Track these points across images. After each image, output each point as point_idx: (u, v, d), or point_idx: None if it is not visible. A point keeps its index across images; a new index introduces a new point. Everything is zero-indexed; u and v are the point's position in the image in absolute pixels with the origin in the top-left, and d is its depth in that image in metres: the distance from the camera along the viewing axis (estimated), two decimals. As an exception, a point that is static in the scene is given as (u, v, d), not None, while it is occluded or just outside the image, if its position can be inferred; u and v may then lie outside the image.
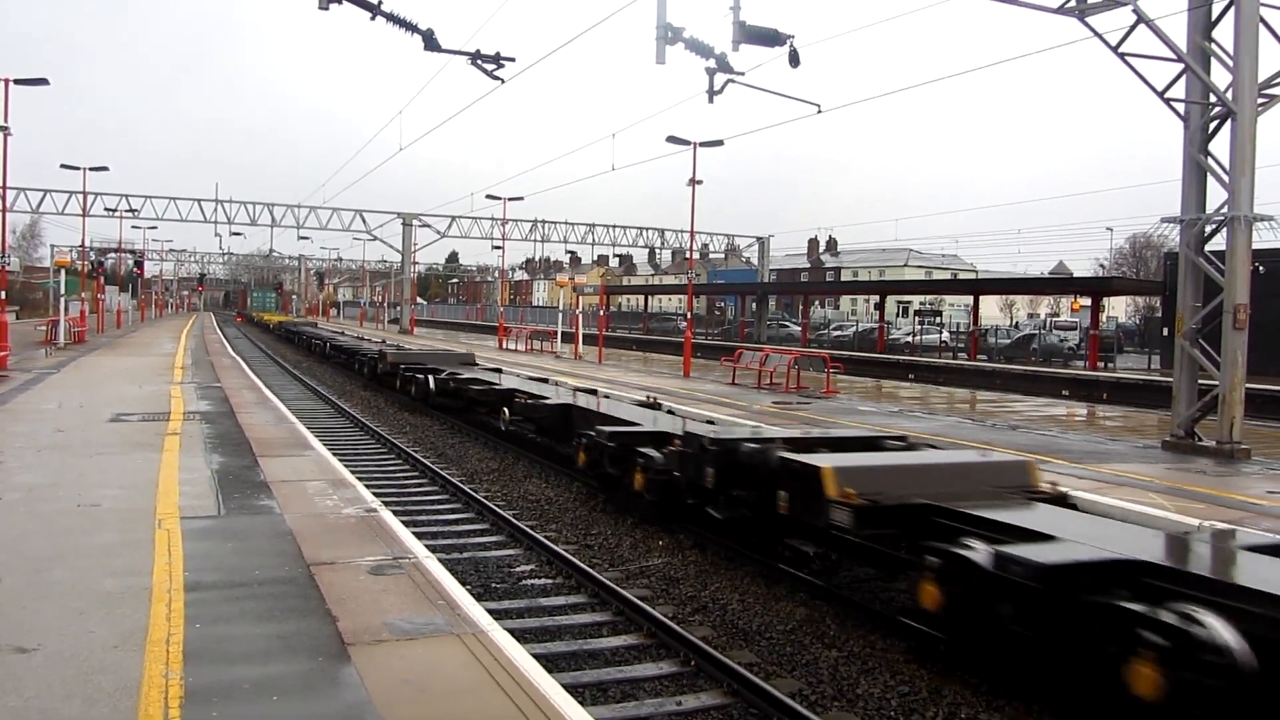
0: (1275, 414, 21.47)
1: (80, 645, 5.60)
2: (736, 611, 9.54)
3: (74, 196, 58.05)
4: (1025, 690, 7.46)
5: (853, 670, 8.06)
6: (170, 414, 16.26)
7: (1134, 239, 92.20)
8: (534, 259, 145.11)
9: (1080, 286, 57.29)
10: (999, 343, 49.61)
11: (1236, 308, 14.41)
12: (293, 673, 5.33)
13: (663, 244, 78.10)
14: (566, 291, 49.82)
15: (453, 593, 6.85)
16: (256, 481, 10.65)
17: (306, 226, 68.39)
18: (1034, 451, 14.44)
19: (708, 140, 32.42)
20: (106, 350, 35.35)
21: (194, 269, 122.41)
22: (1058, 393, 33.36)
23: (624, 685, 7.64)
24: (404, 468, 17.21)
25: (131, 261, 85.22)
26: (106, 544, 7.82)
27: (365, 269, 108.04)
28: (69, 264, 45.13)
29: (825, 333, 63.00)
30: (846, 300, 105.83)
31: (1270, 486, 12.11)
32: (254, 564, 7.38)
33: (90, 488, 10.01)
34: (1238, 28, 14.45)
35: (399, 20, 16.60)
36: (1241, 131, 14.40)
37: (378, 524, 8.85)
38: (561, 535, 12.49)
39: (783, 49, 15.93)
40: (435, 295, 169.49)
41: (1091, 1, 15.01)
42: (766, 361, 28.40)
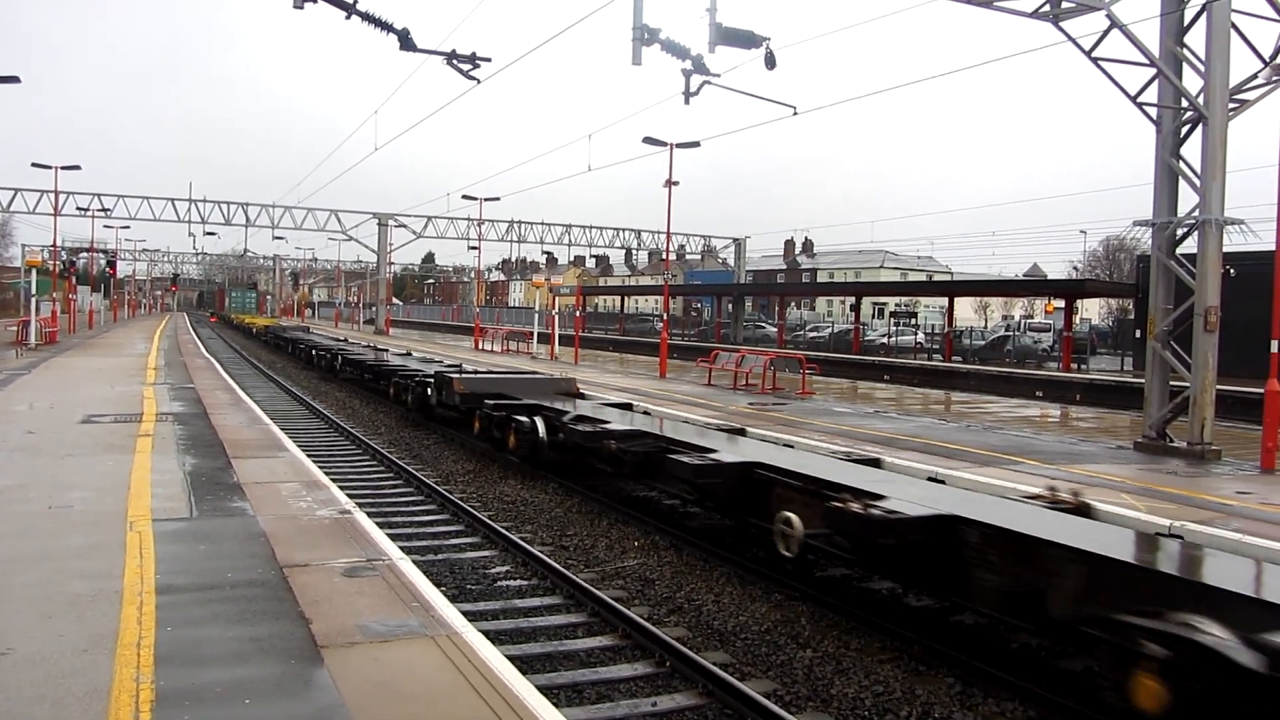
0: (1245, 415, 21.65)
1: (50, 648, 5.54)
2: (712, 612, 9.55)
3: (45, 195, 57.56)
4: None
5: (827, 670, 8.09)
6: (143, 415, 16.13)
7: (1107, 242, 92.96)
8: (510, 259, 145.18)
9: (1054, 289, 57.84)
10: (974, 344, 49.84)
11: (1207, 310, 14.53)
12: (265, 676, 5.29)
13: (639, 245, 78.16)
14: (543, 292, 49.82)
15: (427, 595, 6.82)
16: (230, 483, 10.57)
17: (281, 226, 68.10)
18: (1008, 452, 14.53)
19: (684, 142, 32.44)
20: (78, 351, 35.03)
21: (167, 269, 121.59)
22: (1032, 394, 33.57)
23: (599, 686, 7.64)
24: (379, 469, 17.14)
25: (104, 261, 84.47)
26: (77, 546, 7.74)
27: (340, 269, 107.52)
28: (40, 264, 44.70)
29: (801, 334, 63.19)
30: (822, 301, 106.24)
31: (1240, 487, 12.22)
32: (226, 566, 7.32)
33: (61, 490, 9.91)
34: (1209, 33, 14.57)
35: (374, 19, 16.52)
36: (1213, 136, 14.52)
37: (352, 526, 8.81)
38: (537, 536, 12.48)
39: (759, 51, 15.96)
40: (411, 296, 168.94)
41: (1065, 6, 15.09)
42: (742, 363, 28.44)
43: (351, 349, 35.18)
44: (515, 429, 16.02)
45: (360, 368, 29.87)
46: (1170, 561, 8.21)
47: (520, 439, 15.85)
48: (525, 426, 15.71)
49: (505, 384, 19.72)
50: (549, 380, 20.97)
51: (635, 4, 15.83)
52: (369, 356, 30.86)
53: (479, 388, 19.11)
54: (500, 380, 20.30)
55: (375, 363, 28.65)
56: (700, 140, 32.70)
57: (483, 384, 19.56)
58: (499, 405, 17.12)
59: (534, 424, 15.58)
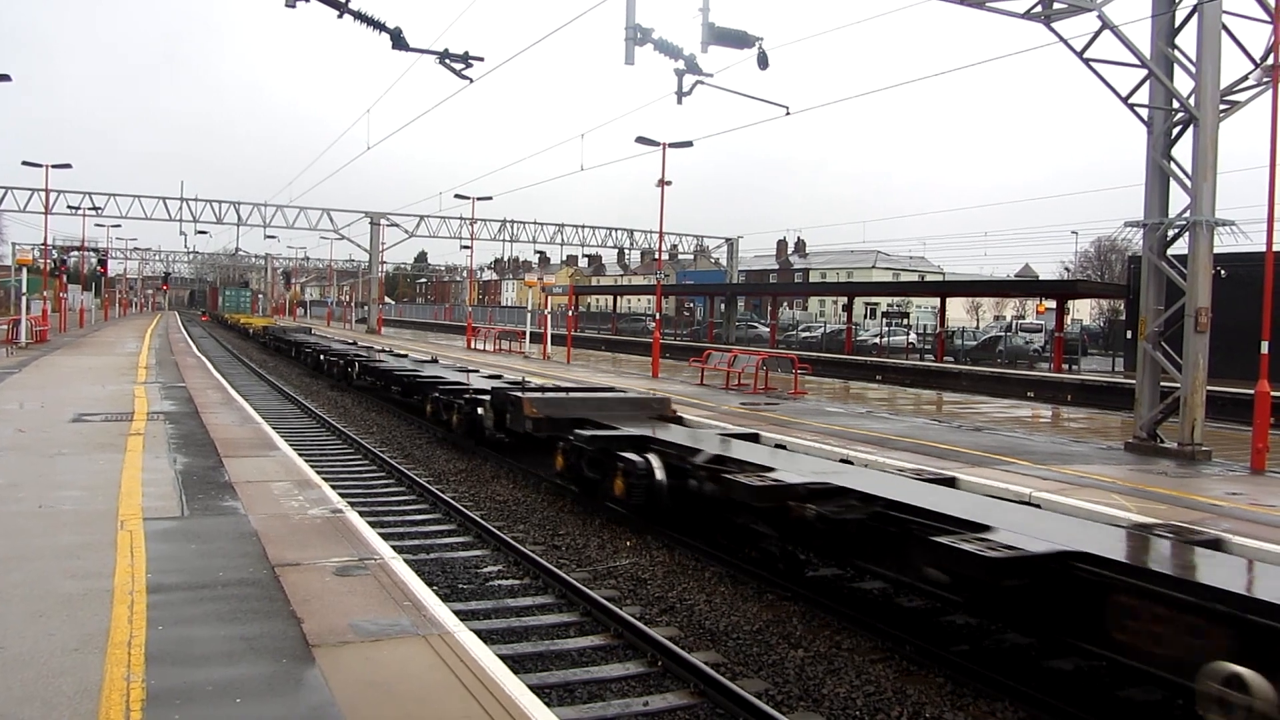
0: (1236, 416, 21.72)
1: (40, 648, 5.53)
2: (704, 612, 9.56)
3: (36, 194, 57.38)
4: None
5: (819, 670, 8.10)
6: (134, 414, 16.09)
7: (1099, 242, 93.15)
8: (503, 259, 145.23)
9: (1045, 289, 57.90)
10: (965, 345, 49.95)
11: (1198, 311, 14.58)
12: (256, 675, 5.28)
13: (632, 244, 78.12)
14: (535, 291, 49.69)
15: (419, 594, 6.82)
16: (221, 482, 10.55)
17: (273, 225, 67.90)
18: (999, 452, 14.56)
19: (677, 141, 32.43)
20: (69, 349, 34.92)
21: (159, 268, 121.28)
22: (1023, 394, 33.64)
23: (591, 686, 7.65)
24: (371, 468, 17.12)
25: (95, 260, 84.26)
26: (68, 545, 7.72)
27: (332, 268, 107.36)
28: (31, 262, 44.53)
29: (793, 334, 63.27)
30: (815, 302, 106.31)
31: (1229, 488, 12.26)
32: (218, 565, 7.31)
33: (51, 489, 9.88)
34: (1200, 34, 14.62)
35: (366, 18, 16.51)
36: (1204, 137, 14.56)
37: (344, 525, 8.80)
38: (529, 536, 12.47)
39: (752, 51, 15.97)
40: (403, 295, 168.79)
41: (1057, 7, 15.12)
42: (735, 363, 28.45)
43: (370, 355, 31.13)
44: (623, 471, 12.35)
45: (384, 378, 25.94)
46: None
47: (631, 483, 12.18)
48: (638, 467, 12.17)
49: (586, 405, 16.23)
50: (638, 400, 17.53)
51: (628, 4, 15.83)
52: (394, 364, 26.82)
53: (556, 410, 15.62)
54: (580, 401, 16.49)
55: (406, 373, 24.41)
56: (693, 140, 32.73)
57: (559, 405, 15.86)
58: (596, 437, 13.55)
59: (648, 464, 12.23)
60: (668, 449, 12.71)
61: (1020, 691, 7.50)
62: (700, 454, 12.06)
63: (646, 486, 12.13)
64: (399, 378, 24.40)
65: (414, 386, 22.88)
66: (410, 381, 23.44)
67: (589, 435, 13.68)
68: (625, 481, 12.36)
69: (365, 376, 28.05)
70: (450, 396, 19.59)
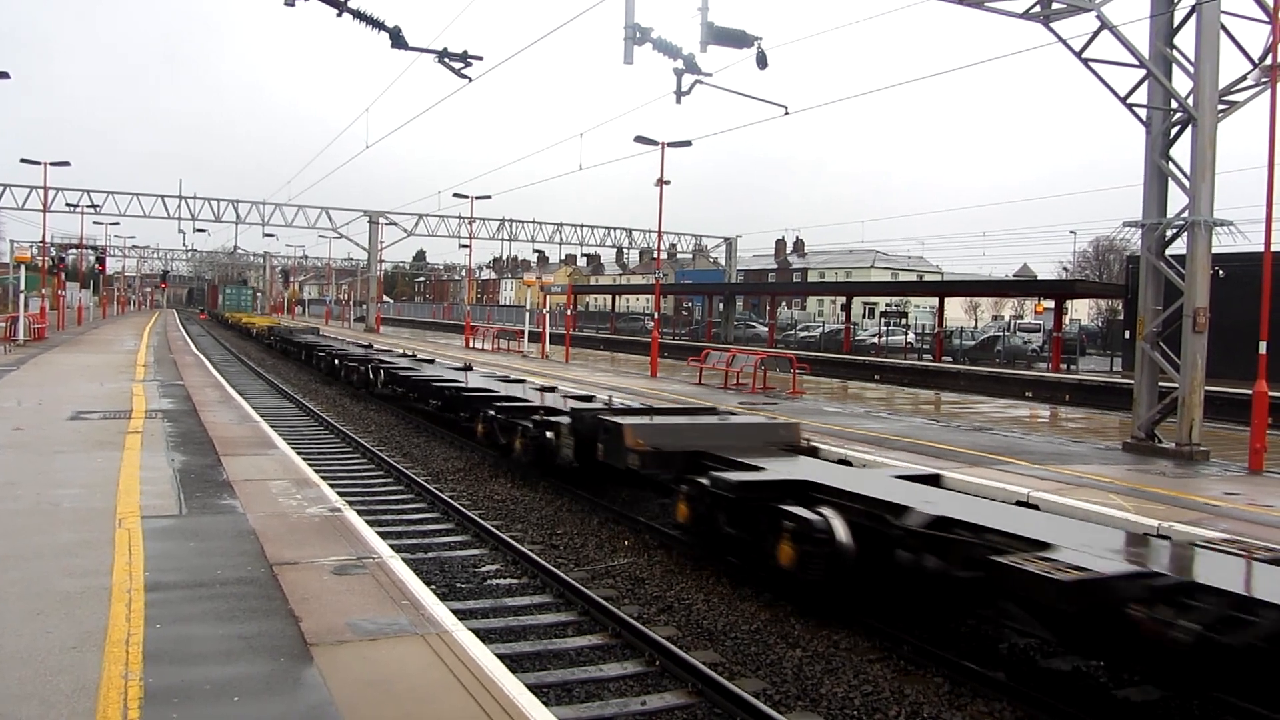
0: (1234, 416, 21.74)
1: (38, 646, 5.52)
2: (701, 611, 9.56)
3: (34, 191, 57.34)
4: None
5: (817, 670, 8.10)
6: (132, 412, 16.08)
7: (1097, 242, 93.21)
8: (501, 258, 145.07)
9: (1044, 289, 57.93)
10: (964, 344, 49.98)
11: (1196, 311, 14.59)
12: (254, 674, 5.28)
13: (630, 244, 78.08)
14: (534, 291, 49.68)
15: (417, 593, 6.81)
16: (219, 481, 10.55)
17: (272, 224, 67.83)
18: (997, 452, 14.57)
19: (676, 141, 32.45)
20: (67, 347, 34.90)
21: (157, 266, 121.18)
22: (1021, 394, 33.67)
23: (588, 685, 7.64)
24: (369, 467, 17.12)
25: (93, 258, 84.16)
26: (65, 544, 7.71)
27: (331, 267, 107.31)
28: (29, 260, 44.50)
29: (792, 333, 63.25)
30: (813, 301, 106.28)
31: (1227, 488, 12.27)
32: (216, 564, 7.31)
33: (49, 487, 9.88)
34: (1199, 34, 14.63)
35: (365, 17, 16.50)
36: (1202, 137, 14.57)
37: (342, 524, 8.79)
38: (527, 535, 12.47)
39: (751, 50, 15.97)
40: (402, 294, 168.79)
41: (1056, 7, 15.13)
42: (733, 362, 28.47)
43: (395, 361, 27.45)
44: (792, 533, 9.06)
45: (420, 389, 22.33)
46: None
47: (806, 552, 8.90)
48: (814, 529, 8.90)
49: (701, 433, 13.02)
50: (761, 427, 13.99)
51: (627, 3, 15.82)
52: (430, 374, 23.38)
53: (667, 439, 12.45)
54: (691, 428, 13.26)
55: (447, 384, 20.73)
56: (692, 139, 32.77)
57: (671, 434, 12.64)
58: (744, 483, 10.14)
59: (826, 525, 8.94)
60: (849, 502, 9.39)
61: (1018, 691, 7.50)
62: (909, 513, 8.71)
63: (827, 556, 8.83)
64: (440, 390, 20.66)
65: (459, 401, 19.49)
66: (455, 395, 19.85)
67: (734, 480, 10.15)
68: (796, 548, 8.98)
69: (393, 386, 24.58)
70: (510, 416, 16.22)
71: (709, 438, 12.81)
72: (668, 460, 12.15)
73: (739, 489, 10.07)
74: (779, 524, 9.28)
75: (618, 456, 12.53)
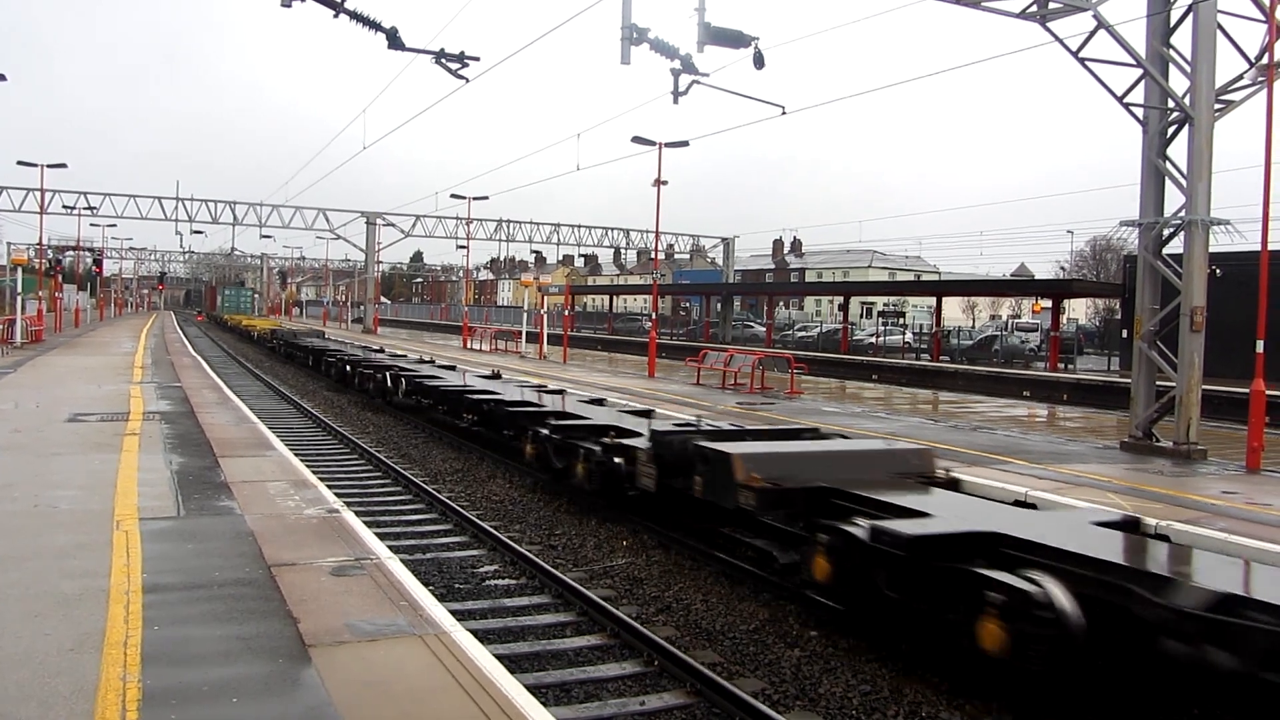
0: (1231, 415, 21.76)
1: (36, 648, 5.52)
2: (700, 611, 9.56)
3: (31, 194, 57.28)
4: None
5: (815, 669, 8.10)
6: (129, 414, 16.07)
7: (1094, 242, 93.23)
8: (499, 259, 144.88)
9: (1041, 289, 57.97)
10: (961, 344, 49.99)
11: (1193, 310, 14.60)
12: (253, 675, 5.28)
13: (628, 244, 78.08)
14: (531, 291, 49.73)
15: (415, 594, 6.81)
16: (217, 482, 10.54)
17: (269, 225, 67.79)
18: (995, 452, 14.57)
19: (673, 141, 32.46)
20: (65, 349, 34.87)
21: (154, 267, 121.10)
22: (1019, 394, 33.68)
23: (587, 686, 7.64)
24: (367, 468, 17.10)
25: (90, 260, 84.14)
26: (63, 545, 7.71)
27: (328, 268, 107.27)
28: (26, 262, 44.44)
29: (790, 333, 63.27)
30: (811, 301, 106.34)
31: (1225, 487, 12.28)
32: (214, 565, 7.30)
33: (47, 489, 9.87)
34: (1196, 34, 14.65)
35: (362, 18, 16.49)
36: (1199, 136, 14.59)
37: (340, 525, 8.79)
38: (525, 536, 12.46)
39: (748, 50, 15.99)
40: (399, 295, 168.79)
41: (1053, 6, 15.15)
42: (731, 362, 28.48)
43: (417, 369, 24.81)
44: (1002, 610, 6.90)
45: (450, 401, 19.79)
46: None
47: (1021, 634, 6.77)
48: (1035, 603, 6.76)
49: (821, 463, 10.88)
50: (889, 454, 11.73)
51: (624, 3, 15.83)
52: (458, 382, 21.11)
53: (785, 472, 10.17)
54: (811, 457, 11.23)
55: (486, 397, 17.91)
56: (689, 140, 32.78)
57: (789, 466, 10.47)
58: (920, 539, 7.88)
59: (1048, 600, 6.77)
60: (1073, 567, 7.17)
61: (1016, 692, 7.49)
62: (1177, 588, 6.62)
63: (1052, 640, 6.71)
64: (477, 403, 18.09)
65: (500, 417, 16.83)
66: (494, 409, 17.19)
67: (906, 535, 7.88)
68: (1007, 628, 6.85)
69: (417, 396, 22.33)
70: (569, 437, 13.93)
71: (834, 469, 10.61)
72: (788, 499, 9.97)
73: (912, 545, 7.81)
74: (978, 595, 7.07)
75: (724, 493, 10.28)
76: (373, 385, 25.57)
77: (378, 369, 25.75)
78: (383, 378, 24.68)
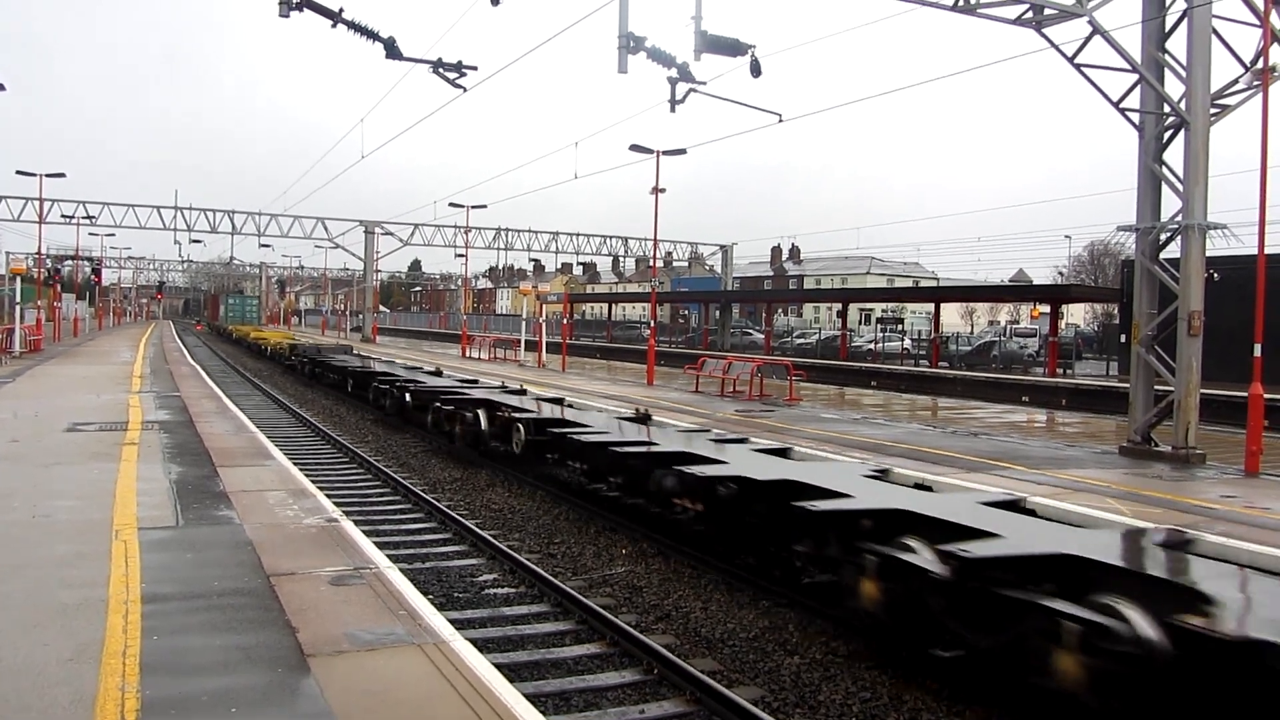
0: (1230, 419, 21.76)
1: (35, 658, 5.52)
2: (699, 619, 9.55)
3: (30, 203, 57.36)
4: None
5: (815, 677, 8.10)
6: (128, 423, 16.06)
7: (1092, 246, 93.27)
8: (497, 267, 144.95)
9: (1039, 294, 57.97)
10: (960, 350, 50.00)
11: (1191, 315, 14.62)
12: (252, 684, 5.28)
13: (626, 252, 78.24)
14: (530, 300, 49.77)
15: (414, 603, 6.81)
16: (216, 492, 10.54)
17: (267, 234, 67.89)
18: (994, 458, 14.58)
19: (671, 149, 32.53)
20: (63, 359, 34.86)
21: (153, 277, 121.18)
22: (1018, 399, 33.70)
23: (586, 694, 7.64)
24: (366, 477, 17.10)
25: (89, 269, 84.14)
26: (62, 555, 7.70)
27: (327, 277, 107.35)
28: (25, 271, 44.51)
29: (788, 340, 63.28)
30: (809, 308, 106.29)
31: (1224, 491, 12.28)
32: (213, 575, 7.30)
33: (45, 498, 9.86)
34: (1191, 39, 14.68)
35: (360, 28, 16.55)
36: (1195, 141, 14.62)
37: (339, 534, 8.79)
38: (525, 544, 12.46)
39: (744, 58, 16.00)
40: (398, 303, 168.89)
41: (1048, 13, 15.18)
42: (730, 369, 28.50)
43: (539, 409, 17.41)
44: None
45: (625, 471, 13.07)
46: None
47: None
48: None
49: None
50: None
51: (621, 12, 15.86)
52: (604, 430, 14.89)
53: None
54: None
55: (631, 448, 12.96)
56: (686, 148, 32.85)
57: None
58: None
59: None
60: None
61: (1016, 697, 7.49)
62: None
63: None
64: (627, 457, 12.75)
65: (692, 483, 11.00)
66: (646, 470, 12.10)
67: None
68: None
69: (561, 457, 15.23)
70: (848, 537, 8.77)
71: None
72: None
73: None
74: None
75: None
76: (463, 429, 17.83)
77: (466, 404, 18.38)
78: (474, 415, 17.52)
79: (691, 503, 11.09)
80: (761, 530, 10.34)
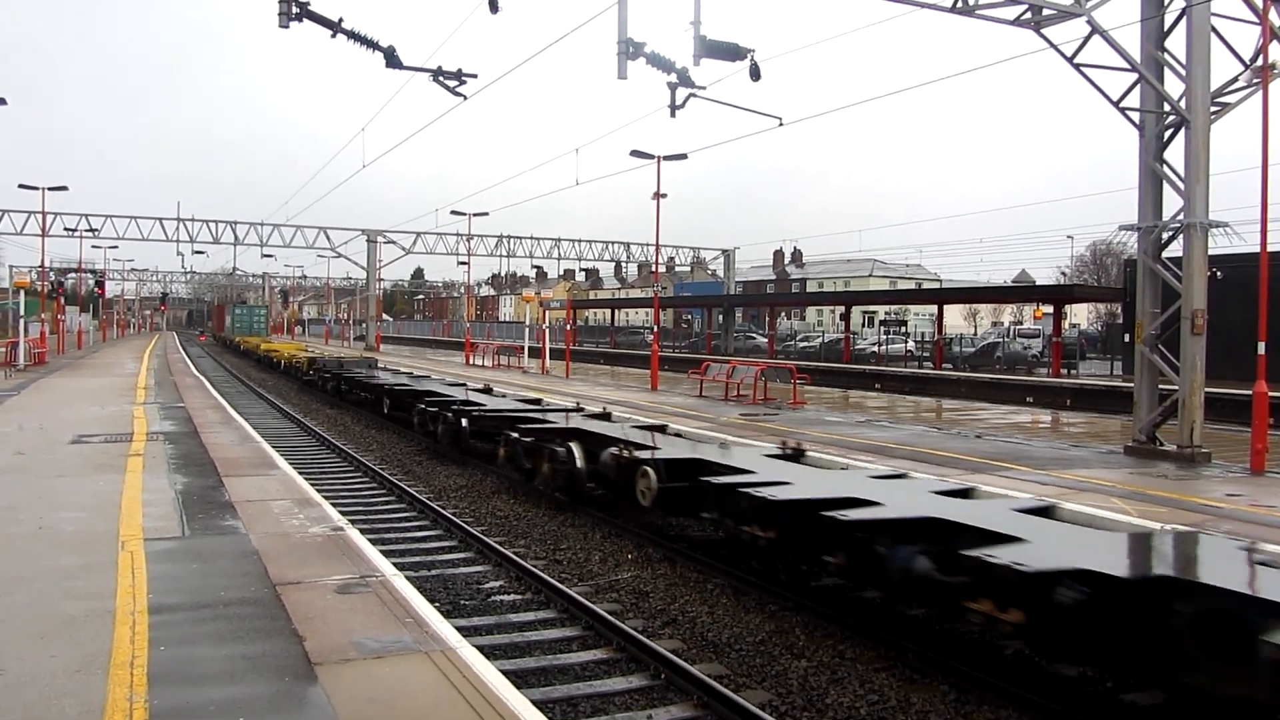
0: (1234, 418, 21.73)
1: (43, 669, 5.53)
2: (706, 624, 9.55)
3: (33, 216, 57.45)
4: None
5: (822, 680, 8.09)
6: (133, 435, 16.09)
7: (1094, 246, 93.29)
8: (500, 274, 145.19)
9: (1043, 294, 57.91)
10: (963, 351, 49.97)
11: (1194, 313, 14.60)
12: (259, 693, 5.28)
13: (629, 258, 78.16)
14: (533, 306, 49.76)
15: (421, 610, 6.82)
16: (221, 502, 10.55)
17: (270, 244, 67.91)
18: (999, 458, 14.57)
19: (671, 154, 32.54)
20: (68, 371, 34.93)
21: (156, 288, 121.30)
22: (1022, 400, 33.68)
23: (594, 700, 7.63)
24: (371, 485, 17.11)
25: (92, 281, 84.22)
26: (68, 567, 7.72)
27: (330, 286, 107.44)
28: (28, 284, 44.52)
29: (792, 344, 63.21)
30: (812, 311, 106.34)
31: (1230, 489, 12.27)
32: (219, 585, 7.31)
33: (51, 510, 9.88)
34: (1190, 37, 14.68)
35: (360, 38, 16.58)
36: (1195, 139, 14.62)
37: (345, 542, 8.80)
38: (530, 551, 12.46)
39: (744, 63, 16.01)
40: (401, 312, 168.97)
41: (1047, 14, 15.19)
42: (733, 374, 28.49)
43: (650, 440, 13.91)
44: None
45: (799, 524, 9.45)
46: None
47: None
48: None
49: None
50: None
51: (620, 18, 15.88)
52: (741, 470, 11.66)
53: None
54: None
55: (847, 511, 8.91)
56: (687, 153, 32.84)
57: None
58: None
59: None
60: None
61: (1024, 698, 7.49)
62: None
63: None
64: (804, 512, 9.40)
65: None
66: None
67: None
68: None
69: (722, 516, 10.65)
70: None
71: None
72: None
73: None
74: None
75: None
76: (551, 465, 14.36)
77: (548, 435, 15.05)
78: (570, 454, 14.04)
79: (999, 610, 7.31)
80: None
